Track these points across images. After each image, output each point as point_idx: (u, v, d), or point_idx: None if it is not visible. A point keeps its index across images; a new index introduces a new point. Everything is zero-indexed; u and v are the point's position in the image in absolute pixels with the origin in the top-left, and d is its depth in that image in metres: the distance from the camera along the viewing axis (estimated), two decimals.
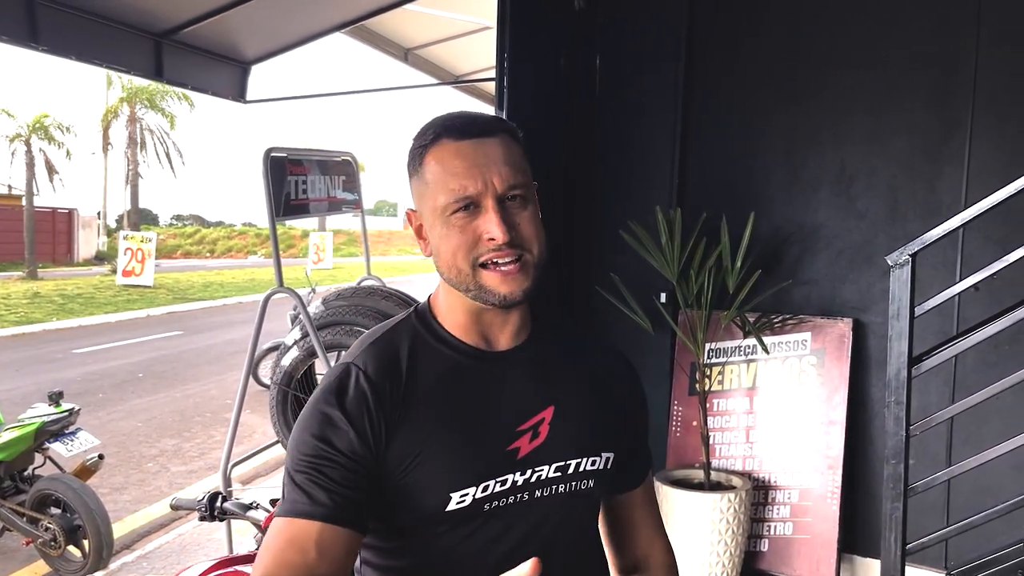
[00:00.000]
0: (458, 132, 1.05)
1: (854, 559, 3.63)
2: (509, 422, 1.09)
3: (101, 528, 4.10)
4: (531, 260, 1.06)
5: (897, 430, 2.32)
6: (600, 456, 1.14)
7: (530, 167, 1.10)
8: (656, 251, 3.50)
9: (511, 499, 1.08)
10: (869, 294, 3.57)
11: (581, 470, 1.12)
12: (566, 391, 1.14)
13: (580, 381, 1.17)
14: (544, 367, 1.14)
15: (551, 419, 1.11)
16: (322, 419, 1.05)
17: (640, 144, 3.91)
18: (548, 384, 1.13)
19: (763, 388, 3.71)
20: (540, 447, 1.09)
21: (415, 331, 1.12)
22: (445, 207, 1.04)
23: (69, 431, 4.40)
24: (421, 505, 1.05)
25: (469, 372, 1.10)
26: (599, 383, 1.19)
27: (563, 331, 1.22)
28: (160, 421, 7.52)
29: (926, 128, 3.45)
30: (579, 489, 1.12)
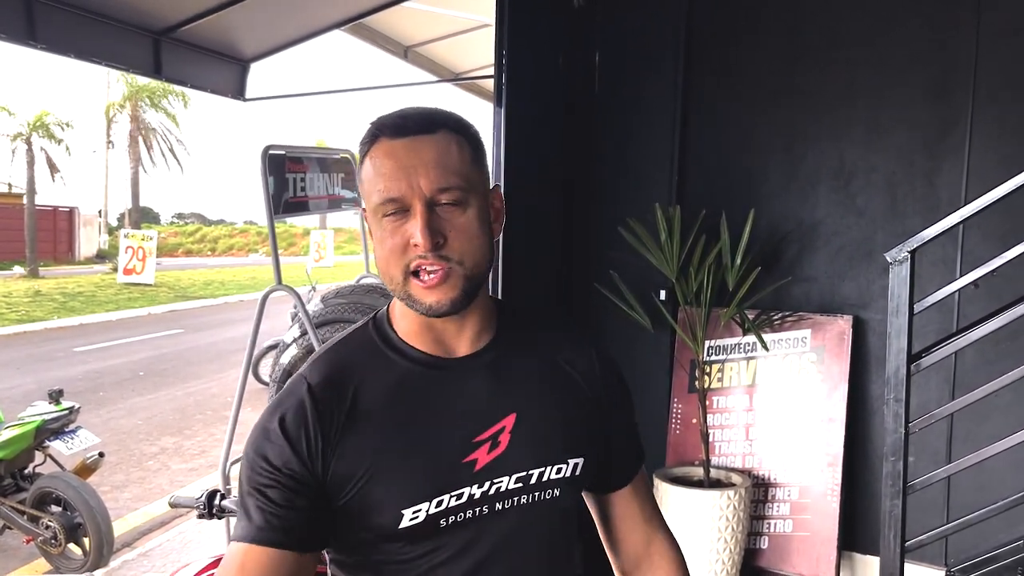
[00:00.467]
0: (391, 130, 1.00)
1: (854, 556, 3.63)
2: (466, 433, 1.04)
3: (101, 526, 4.11)
4: (460, 271, 0.99)
5: (896, 427, 2.32)
6: (567, 463, 1.08)
7: (479, 168, 1.03)
8: (655, 248, 3.49)
9: (469, 513, 1.03)
10: (869, 291, 3.56)
11: (545, 479, 1.07)
12: (529, 396, 1.09)
13: (546, 384, 1.11)
14: (506, 372, 1.08)
15: (512, 427, 1.05)
16: (263, 434, 1.02)
17: (639, 141, 3.90)
18: (510, 390, 1.08)
19: (763, 385, 3.71)
20: (499, 458, 1.04)
21: (370, 340, 1.08)
22: (376, 209, 1.00)
23: (69, 429, 4.41)
24: (374, 523, 1.01)
25: (423, 381, 1.05)
26: (568, 383, 1.13)
27: (531, 330, 1.15)
28: (161, 419, 7.53)
29: (925, 123, 3.44)
30: (543, 499, 1.07)
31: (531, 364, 1.11)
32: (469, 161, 1.02)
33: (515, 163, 3.11)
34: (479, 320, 1.08)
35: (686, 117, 3.86)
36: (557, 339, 1.16)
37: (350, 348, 1.08)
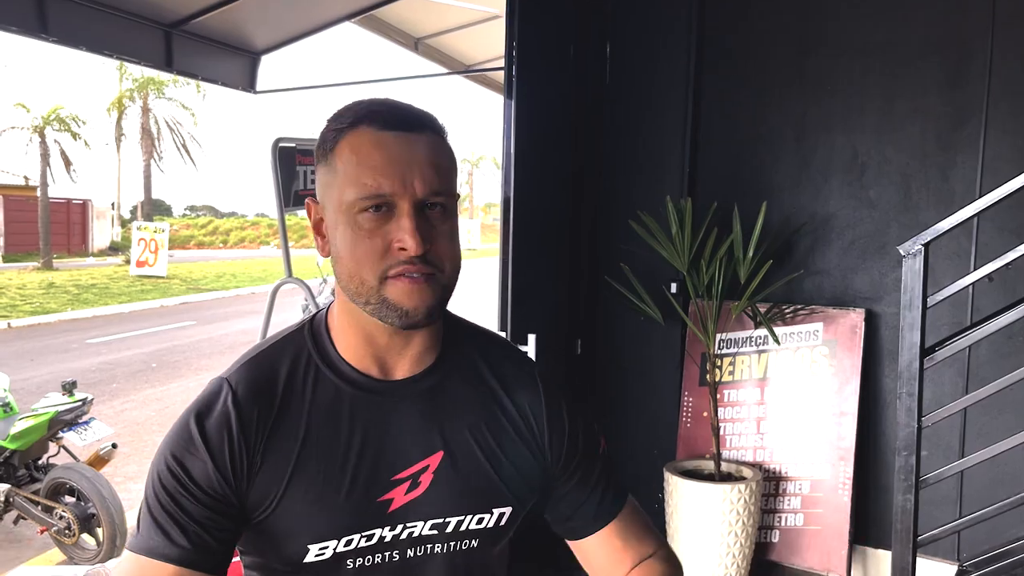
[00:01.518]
0: (382, 121, 0.91)
1: (866, 550, 3.61)
2: (385, 468, 0.95)
3: (115, 516, 4.13)
4: (440, 279, 0.92)
5: (909, 421, 2.31)
6: (491, 513, 0.99)
7: (454, 179, 0.96)
8: (666, 241, 3.48)
9: (378, 557, 0.95)
10: (881, 284, 3.54)
11: (462, 529, 0.98)
12: (461, 432, 0.98)
13: (482, 420, 1.00)
14: (441, 401, 0.99)
15: (436, 467, 0.96)
16: (183, 439, 0.95)
17: (650, 133, 3.88)
18: (442, 424, 0.98)
19: (774, 379, 3.69)
20: (416, 500, 0.96)
21: (302, 349, 0.99)
22: (352, 203, 0.89)
23: (83, 420, 4.43)
24: (280, 553, 0.95)
25: (353, 404, 0.96)
26: (507, 421, 1.01)
27: (475, 354, 1.04)
28: (174, 411, 7.57)
29: (939, 115, 3.40)
30: (459, 549, 0.99)
31: (470, 395, 1.01)
32: (453, 162, 0.95)
33: (525, 155, 3.10)
34: (424, 340, 0.99)
35: (697, 108, 3.83)
36: (502, 368, 1.04)
37: (281, 356, 0.99)
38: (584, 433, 1.06)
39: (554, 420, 1.03)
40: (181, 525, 0.91)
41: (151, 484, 0.95)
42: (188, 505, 0.92)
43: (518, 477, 1.00)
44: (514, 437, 1.01)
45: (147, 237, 19.37)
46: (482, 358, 1.04)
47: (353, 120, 0.92)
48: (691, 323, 3.66)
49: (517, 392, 1.02)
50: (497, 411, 1.01)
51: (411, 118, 0.93)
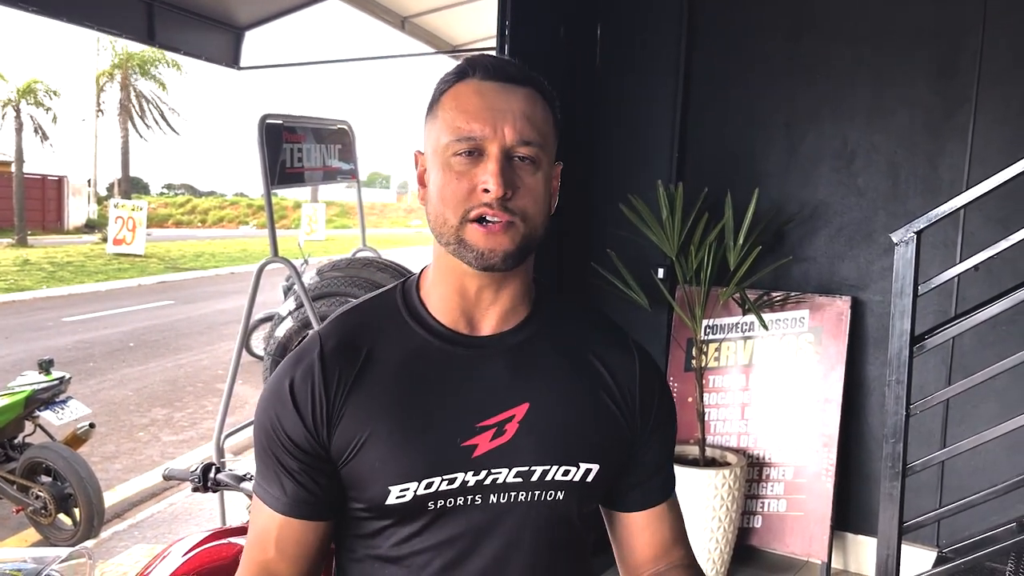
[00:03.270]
0: (485, 71, 0.96)
1: (846, 536, 3.65)
2: (470, 415, 0.97)
3: (92, 497, 4.09)
4: (521, 228, 0.94)
5: (897, 409, 2.31)
6: (577, 467, 0.99)
7: (555, 136, 1.00)
8: (656, 226, 3.46)
9: (460, 500, 0.97)
10: (868, 272, 3.55)
11: (549, 479, 0.99)
12: (549, 388, 1.00)
13: (571, 379, 1.02)
14: (529, 358, 1.01)
15: (522, 417, 0.98)
16: (274, 391, 1.01)
17: (641, 116, 3.85)
18: (528, 378, 1.00)
19: (759, 365, 3.70)
20: (501, 447, 0.97)
21: (393, 305, 1.03)
22: (447, 146, 0.94)
23: (60, 399, 4.37)
24: (364, 496, 0.99)
25: (438, 356, 0.99)
26: (597, 383, 1.03)
27: (569, 320, 1.06)
28: (151, 390, 7.49)
29: (929, 104, 3.41)
30: (543, 499, 0.99)
31: (558, 353, 1.03)
32: (552, 124, 0.99)
33: None
34: (513, 297, 1.01)
35: (687, 93, 3.81)
36: (595, 335, 1.06)
37: (371, 311, 1.04)
38: (668, 407, 1.09)
39: (647, 386, 1.06)
40: (278, 476, 1.00)
41: (255, 434, 1.04)
42: (282, 456, 0.99)
43: (607, 435, 1.02)
44: (604, 397, 1.03)
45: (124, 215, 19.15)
46: (574, 321, 1.07)
47: (459, 73, 0.97)
48: (678, 308, 3.65)
49: (610, 356, 1.05)
50: (588, 371, 1.03)
51: (515, 72, 0.97)
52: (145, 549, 4.13)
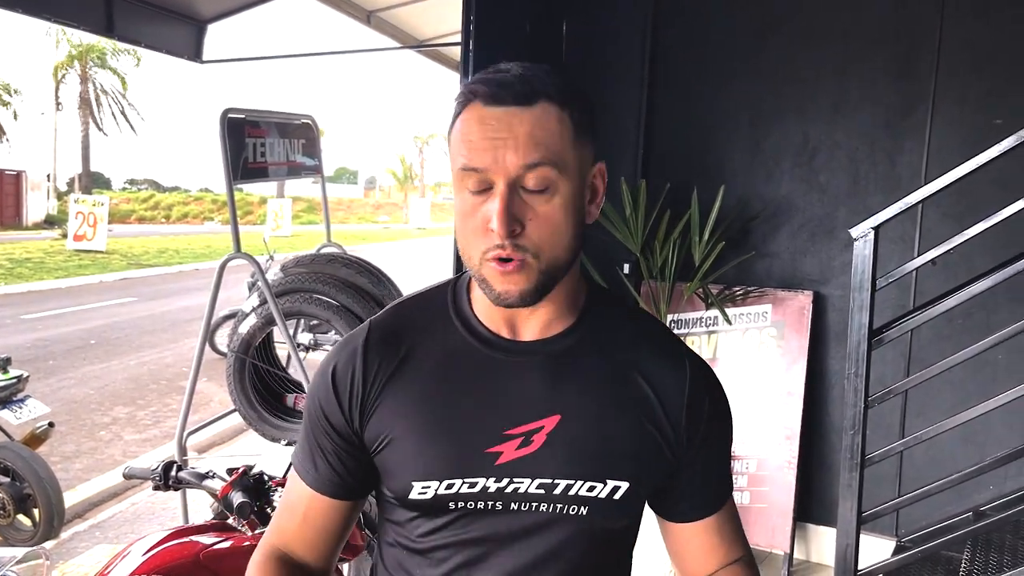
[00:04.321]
0: (486, 97, 0.91)
1: (808, 527, 3.70)
2: (499, 422, 0.97)
3: (52, 497, 4.02)
4: (535, 264, 0.91)
5: (856, 401, 2.35)
6: (604, 483, 0.97)
7: (581, 145, 0.94)
8: (620, 222, 3.48)
9: (480, 504, 0.98)
10: (830, 267, 3.60)
11: (572, 494, 0.97)
12: (584, 401, 0.97)
13: (610, 392, 0.98)
14: (567, 368, 0.98)
15: (552, 429, 0.96)
16: (322, 371, 1.05)
17: (606, 113, 3.87)
18: (564, 389, 0.97)
19: (723, 359, 3.74)
20: (526, 457, 0.96)
21: (442, 302, 1.04)
22: (457, 175, 0.93)
23: (17, 398, 4.29)
24: (390, 486, 1.02)
25: (476, 358, 0.99)
26: (639, 400, 0.99)
27: (617, 329, 1.02)
28: (113, 388, 7.38)
29: (888, 102, 3.46)
30: (567, 513, 0.98)
31: (600, 366, 0.99)
32: (570, 138, 0.92)
33: None
34: (556, 307, 0.99)
35: (653, 89, 3.84)
36: (644, 350, 1.01)
37: (423, 305, 1.05)
38: (722, 422, 1.04)
39: (695, 408, 1.00)
40: (313, 452, 1.05)
41: (306, 411, 1.07)
42: (320, 435, 1.04)
43: (642, 456, 0.99)
44: (644, 418, 0.99)
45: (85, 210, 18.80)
46: (623, 331, 1.02)
47: (466, 96, 0.93)
48: (644, 304, 3.68)
49: (658, 375, 0.99)
50: (629, 386, 0.99)
51: (519, 92, 0.90)
52: (106, 549, 4.08)
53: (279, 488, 1.85)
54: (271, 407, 3.17)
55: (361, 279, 3.05)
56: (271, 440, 3.03)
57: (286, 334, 2.93)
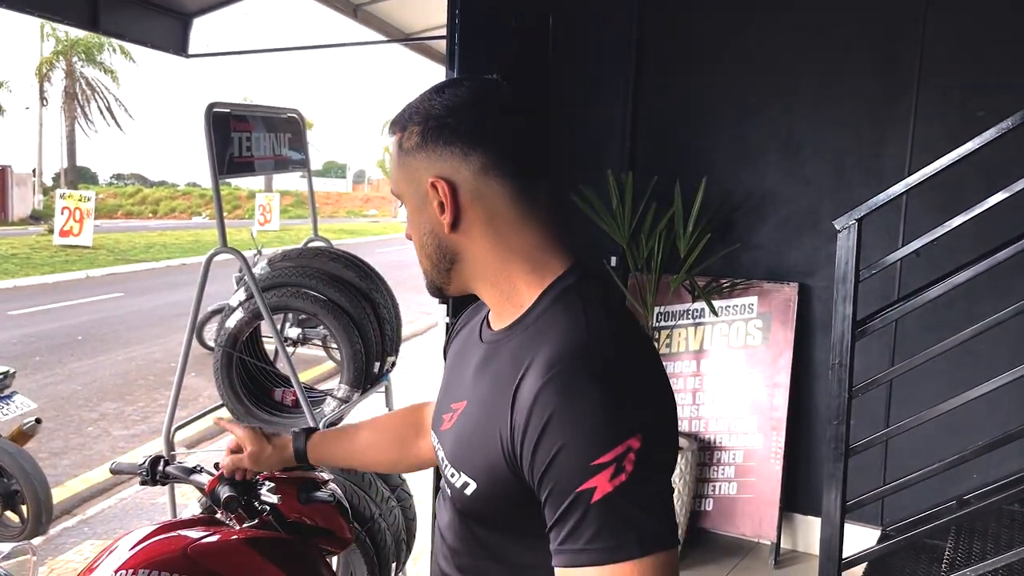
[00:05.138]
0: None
1: (794, 517, 3.73)
2: (450, 396, 1.10)
3: (40, 493, 4.01)
4: (423, 269, 1.07)
5: (840, 392, 2.37)
6: (459, 475, 1.00)
7: (414, 162, 1.00)
8: (607, 215, 3.50)
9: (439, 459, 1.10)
10: (815, 259, 3.62)
11: (446, 472, 1.06)
12: (483, 394, 1.01)
13: (494, 388, 0.98)
14: (491, 361, 1.02)
15: (460, 412, 1.04)
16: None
17: (593, 106, 3.88)
18: (480, 378, 1.03)
19: (710, 351, 3.76)
20: (446, 431, 1.07)
21: None
22: None
23: (3, 394, 4.26)
24: None
25: (471, 341, 1.13)
26: (500, 404, 0.94)
27: (542, 327, 0.97)
28: (101, 384, 7.35)
29: (872, 95, 3.48)
30: (447, 489, 1.08)
31: (505, 363, 0.98)
32: (398, 161, 1.03)
33: None
34: (494, 306, 1.07)
35: (639, 82, 3.85)
36: (540, 352, 0.93)
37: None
38: (562, 456, 0.86)
39: (533, 421, 0.89)
40: None
41: None
42: None
43: (487, 458, 0.96)
44: (499, 420, 0.94)
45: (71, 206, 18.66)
46: (542, 332, 0.96)
47: None
48: (630, 296, 3.69)
49: (528, 376, 0.92)
50: (504, 391, 0.95)
51: (393, 124, 1.04)
52: (95, 545, 4.07)
53: (266, 482, 1.85)
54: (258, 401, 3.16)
55: (348, 273, 3.04)
56: None
57: (273, 328, 2.92)
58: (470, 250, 1.01)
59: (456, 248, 1.01)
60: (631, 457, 0.84)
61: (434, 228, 1.02)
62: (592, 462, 0.84)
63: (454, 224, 0.99)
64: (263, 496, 1.82)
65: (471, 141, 0.97)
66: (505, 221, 0.99)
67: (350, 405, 3.03)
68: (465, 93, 0.99)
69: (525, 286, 1.01)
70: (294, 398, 3.17)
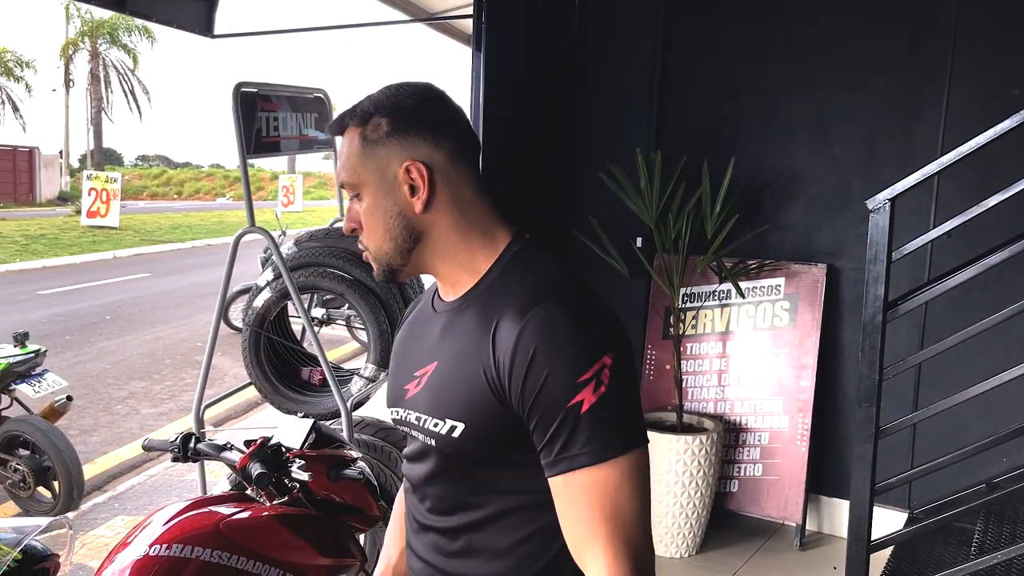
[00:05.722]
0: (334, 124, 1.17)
1: (820, 499, 3.72)
2: (411, 365, 1.20)
3: (71, 469, 4.08)
4: (372, 255, 1.16)
5: (871, 373, 2.35)
6: (444, 421, 1.11)
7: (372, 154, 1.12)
8: (635, 194, 3.47)
9: (404, 429, 1.22)
10: (844, 239, 3.58)
11: (426, 427, 1.14)
12: (452, 352, 1.13)
13: (468, 344, 1.10)
14: (453, 325, 1.15)
15: (431, 373, 1.15)
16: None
17: (620, 85, 3.85)
18: (445, 342, 1.15)
19: (736, 333, 3.74)
20: (415, 395, 1.17)
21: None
22: None
23: (36, 372, 4.34)
24: None
25: (424, 314, 1.24)
26: (482, 350, 1.07)
27: (502, 286, 1.11)
28: (129, 363, 7.45)
29: (905, 72, 3.42)
30: (427, 443, 1.16)
31: (471, 321, 1.11)
32: (357, 153, 1.12)
33: (494, 110, 3.04)
34: (449, 278, 1.17)
35: (666, 61, 3.81)
36: (506, 303, 1.07)
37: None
38: (551, 380, 1.02)
39: (518, 358, 1.04)
40: None
41: None
42: None
43: (472, 400, 1.09)
44: (480, 364, 1.07)
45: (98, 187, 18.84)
46: (504, 289, 1.11)
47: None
48: (656, 276, 3.67)
49: (504, 322, 1.06)
50: (481, 339, 1.08)
51: (339, 122, 1.14)
52: (126, 521, 4.14)
53: (296, 460, 1.87)
54: (286, 380, 3.19)
55: None
56: (286, 413, 3.05)
57: (300, 308, 2.94)
58: (436, 227, 1.13)
59: (423, 227, 1.13)
60: (606, 373, 1.02)
61: (403, 210, 1.12)
62: (576, 380, 1.01)
63: (427, 204, 1.11)
64: (294, 473, 1.84)
65: (442, 130, 1.12)
66: (467, 199, 1.13)
67: (376, 384, 3.04)
68: (425, 90, 1.14)
69: (482, 254, 1.14)
70: (321, 377, 3.19)
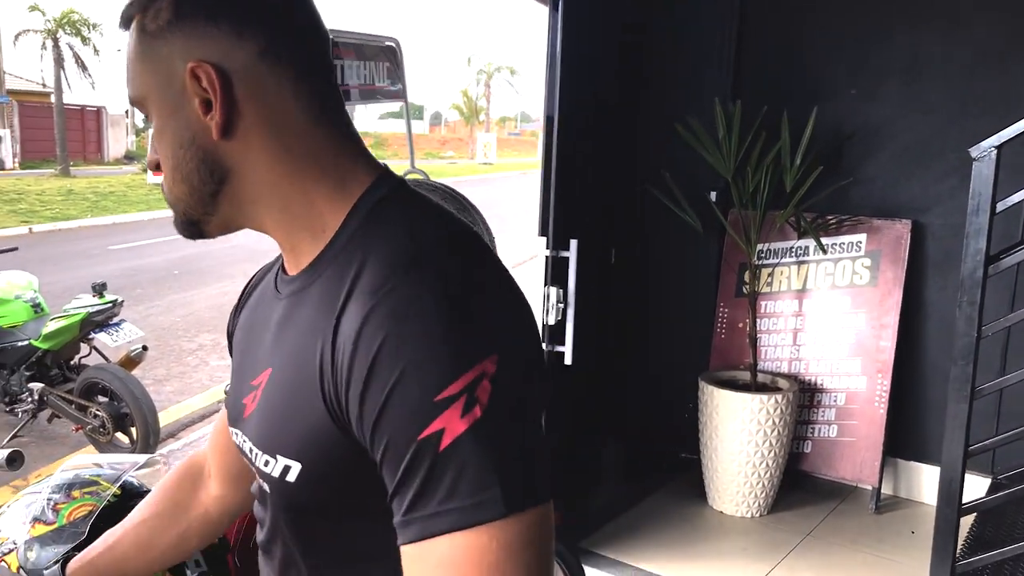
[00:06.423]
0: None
1: (897, 462, 3.61)
2: (248, 371, 0.84)
3: (147, 416, 4.19)
4: (169, 199, 0.79)
5: (968, 330, 2.24)
6: (275, 459, 0.76)
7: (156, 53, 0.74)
8: (712, 146, 3.35)
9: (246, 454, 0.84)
10: (931, 193, 3.42)
11: (256, 463, 0.80)
12: (287, 353, 0.76)
13: (305, 344, 0.73)
14: (295, 312, 0.77)
15: (264, 385, 0.79)
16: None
17: (695, 29, 3.70)
18: (283, 337, 0.78)
19: (813, 290, 3.62)
20: (251, 414, 0.81)
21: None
22: None
23: (114, 322, 4.45)
24: None
25: (266, 297, 0.86)
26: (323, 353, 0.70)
27: (356, 253, 0.72)
28: (198, 316, 7.63)
29: (1011, 9, 3.20)
30: (263, 489, 0.82)
31: (311, 308, 0.75)
32: (138, 52, 0.75)
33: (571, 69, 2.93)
34: (286, 240, 0.79)
35: (745, 6, 3.65)
36: (359, 277, 0.71)
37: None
38: (399, 391, 0.65)
39: (359, 356, 0.67)
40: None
41: None
42: None
43: (310, 428, 0.73)
44: (311, 370, 0.72)
45: None
46: (353, 260, 0.72)
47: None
48: (732, 232, 3.56)
49: (348, 312, 0.69)
50: (320, 329, 0.72)
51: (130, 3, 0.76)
52: None
53: None
54: None
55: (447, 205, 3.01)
56: None
57: None
58: (248, 162, 0.75)
59: (228, 162, 0.75)
60: (485, 386, 0.64)
61: (195, 136, 0.74)
62: (436, 396, 0.63)
63: (226, 127, 0.73)
64: None
65: (245, 15, 0.73)
66: (294, 123, 0.74)
67: None
68: None
69: (327, 204, 0.76)
70: None
